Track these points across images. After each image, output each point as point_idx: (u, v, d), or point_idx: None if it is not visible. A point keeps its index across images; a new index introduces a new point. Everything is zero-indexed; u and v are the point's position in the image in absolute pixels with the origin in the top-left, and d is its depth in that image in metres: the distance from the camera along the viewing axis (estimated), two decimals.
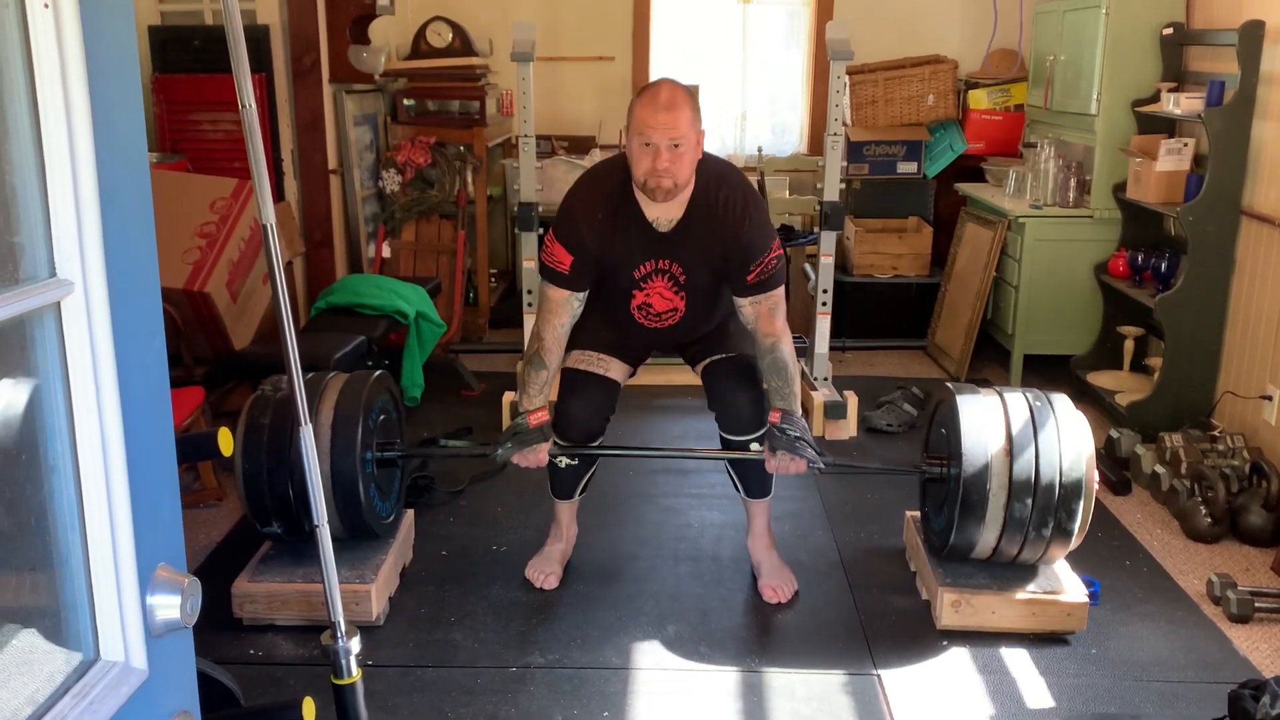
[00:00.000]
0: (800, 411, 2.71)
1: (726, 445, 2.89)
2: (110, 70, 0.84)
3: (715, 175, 2.66)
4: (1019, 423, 2.66)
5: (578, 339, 2.86)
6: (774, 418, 2.69)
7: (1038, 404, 2.71)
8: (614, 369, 2.90)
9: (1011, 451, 2.62)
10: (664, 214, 2.64)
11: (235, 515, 3.41)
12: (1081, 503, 2.60)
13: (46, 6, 0.77)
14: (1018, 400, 2.73)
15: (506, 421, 4.11)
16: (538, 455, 2.74)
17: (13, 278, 0.79)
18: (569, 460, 2.89)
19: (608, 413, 2.90)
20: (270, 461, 2.67)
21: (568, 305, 2.71)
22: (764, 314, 2.68)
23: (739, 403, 2.81)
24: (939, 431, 2.88)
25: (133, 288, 0.89)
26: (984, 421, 2.67)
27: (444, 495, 3.54)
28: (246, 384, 4.07)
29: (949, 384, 2.87)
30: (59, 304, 0.82)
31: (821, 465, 2.69)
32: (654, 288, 2.72)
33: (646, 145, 2.51)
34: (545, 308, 2.72)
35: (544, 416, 2.75)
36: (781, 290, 2.71)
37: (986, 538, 2.67)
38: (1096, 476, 2.65)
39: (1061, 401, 2.74)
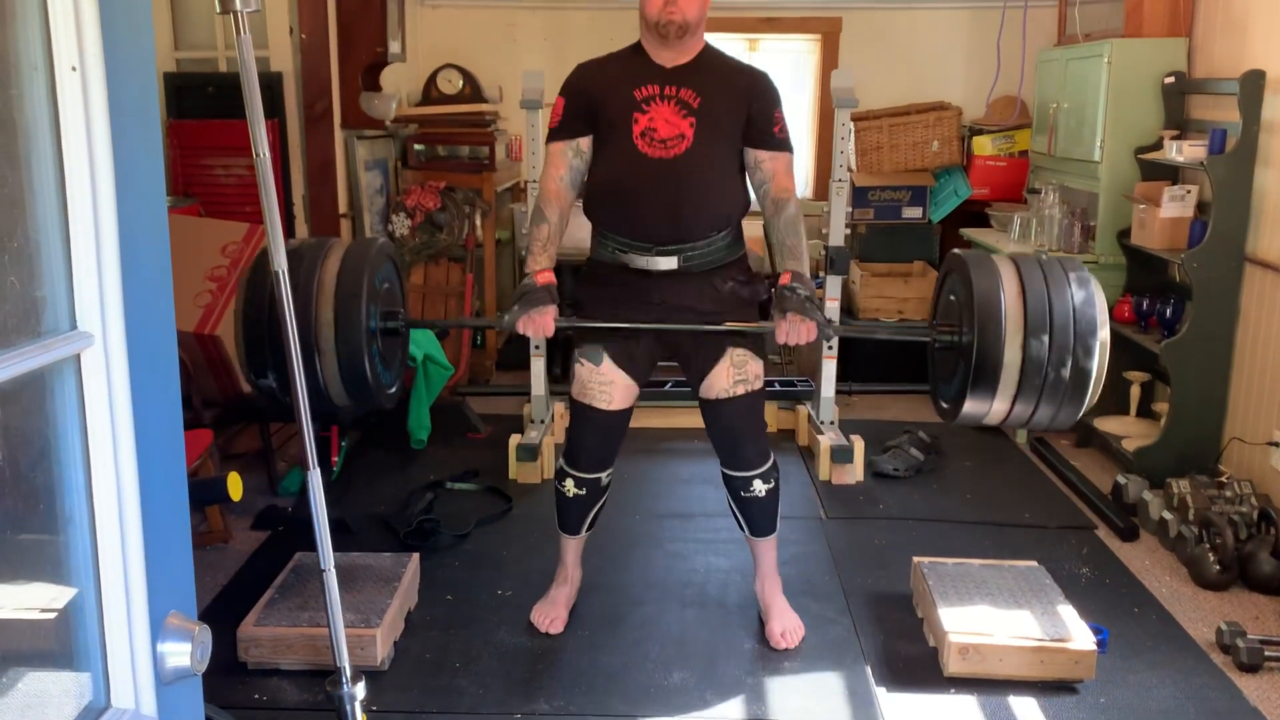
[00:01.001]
0: (809, 274, 2.69)
1: (729, 481, 2.89)
2: (133, 129, 0.87)
3: (722, 51, 2.79)
4: (1032, 278, 2.57)
5: (584, 334, 2.83)
6: (784, 279, 2.62)
7: (1048, 261, 2.64)
8: (619, 393, 2.83)
9: (1026, 305, 2.52)
10: (671, 60, 2.71)
11: (242, 557, 3.42)
12: (1096, 357, 2.49)
13: (74, 69, 0.80)
14: (1029, 260, 2.65)
15: (513, 464, 4.12)
16: (545, 318, 2.59)
17: (35, 330, 0.81)
18: (577, 490, 2.90)
19: (616, 444, 2.91)
20: (272, 311, 2.49)
21: (564, 155, 2.74)
22: (780, 170, 2.73)
23: (743, 444, 2.84)
24: (948, 299, 2.76)
25: (150, 339, 0.91)
26: (997, 279, 2.58)
27: (449, 538, 3.54)
28: (255, 426, 4.09)
29: (958, 250, 2.76)
30: (79, 356, 0.84)
31: (830, 331, 2.65)
32: (659, 111, 2.68)
33: None
34: (546, 162, 2.77)
35: (550, 277, 2.65)
36: (792, 154, 2.78)
37: (1001, 398, 2.56)
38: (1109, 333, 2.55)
39: (1072, 263, 2.65)
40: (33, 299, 0.81)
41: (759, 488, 2.86)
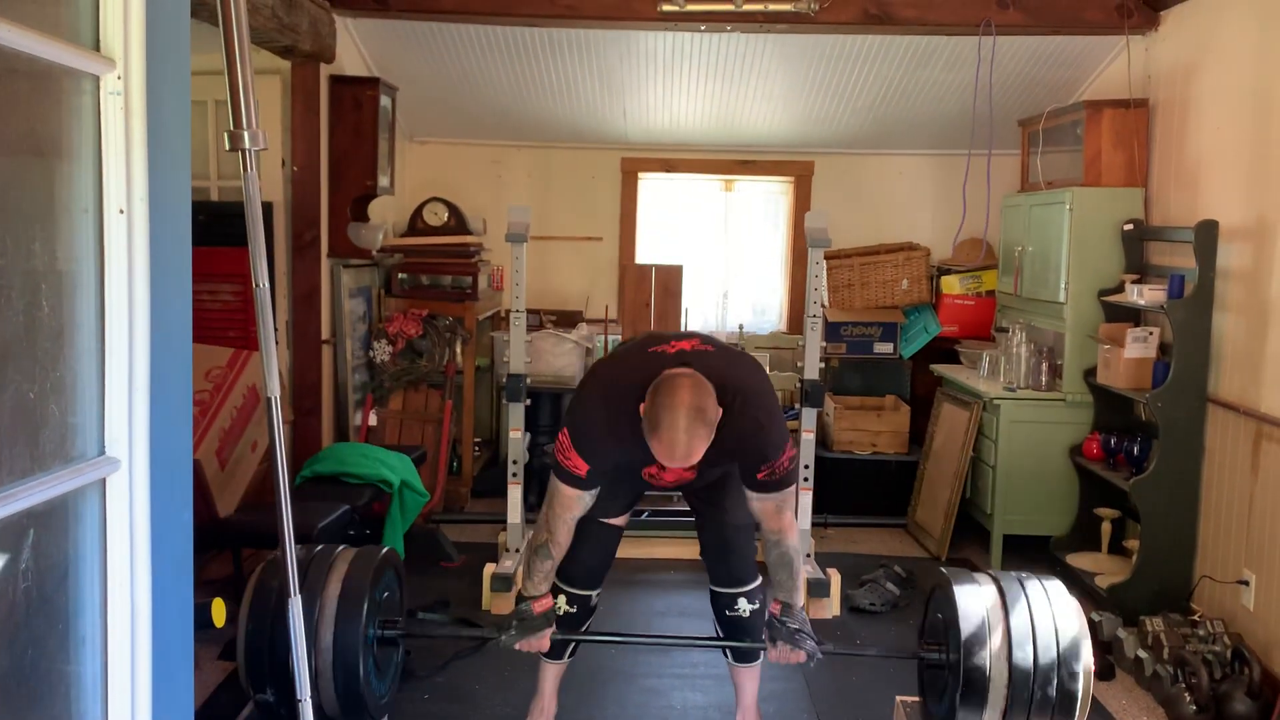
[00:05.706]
0: (802, 604, 2.78)
1: (715, 600, 2.96)
2: (169, 268, 0.92)
3: (735, 395, 2.57)
4: (1015, 607, 2.69)
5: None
6: (775, 609, 2.76)
7: (1031, 587, 2.75)
8: (615, 516, 2.95)
9: (1010, 636, 2.64)
10: None
11: (210, 686, 3.33)
12: (1080, 684, 2.60)
13: (121, 212, 0.86)
14: (1012, 584, 2.77)
15: (486, 594, 4.08)
16: (541, 641, 2.77)
17: (66, 455, 0.84)
18: (568, 607, 2.91)
19: (610, 559, 2.97)
20: (275, 625, 2.66)
21: (580, 501, 2.73)
22: (770, 511, 2.70)
23: (734, 557, 2.91)
24: (935, 616, 2.89)
25: (171, 465, 0.94)
26: (981, 607, 2.70)
27: (421, 670, 3.48)
28: (228, 551, 4.04)
29: (943, 569, 2.90)
30: (104, 480, 0.87)
31: (820, 656, 2.73)
32: (665, 474, 2.76)
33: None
34: (557, 501, 2.71)
35: (548, 603, 2.79)
36: (791, 489, 2.71)
37: (991, 712, 2.64)
38: (1093, 659, 2.65)
39: (1054, 585, 2.78)
40: (67, 425, 0.85)
41: (743, 607, 2.90)
